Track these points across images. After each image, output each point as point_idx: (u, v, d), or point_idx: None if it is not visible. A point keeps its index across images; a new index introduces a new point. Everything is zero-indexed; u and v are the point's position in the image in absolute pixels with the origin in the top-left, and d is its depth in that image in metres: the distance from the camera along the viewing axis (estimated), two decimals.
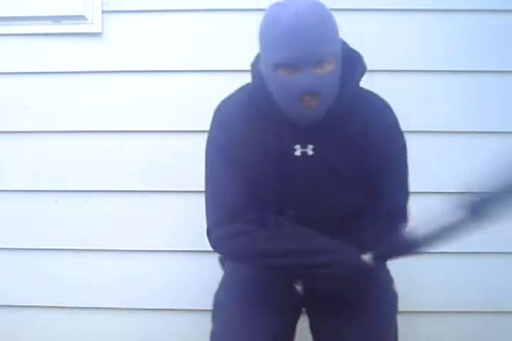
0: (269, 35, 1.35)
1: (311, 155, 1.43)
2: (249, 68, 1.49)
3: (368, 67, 1.90)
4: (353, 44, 1.99)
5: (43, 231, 2.13)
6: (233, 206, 1.43)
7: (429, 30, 2.04)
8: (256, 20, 1.38)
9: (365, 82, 2.02)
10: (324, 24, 1.34)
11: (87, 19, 2.07)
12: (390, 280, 1.61)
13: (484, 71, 2.04)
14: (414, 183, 2.06)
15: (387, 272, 1.62)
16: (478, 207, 1.31)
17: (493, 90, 2.05)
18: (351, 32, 2.00)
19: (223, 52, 2.06)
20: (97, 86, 2.10)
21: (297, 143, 1.43)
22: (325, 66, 1.35)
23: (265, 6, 1.68)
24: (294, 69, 1.33)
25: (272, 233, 1.42)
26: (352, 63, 1.45)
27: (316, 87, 1.34)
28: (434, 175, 2.06)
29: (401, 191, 1.56)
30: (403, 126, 2.04)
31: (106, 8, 2.07)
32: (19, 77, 2.11)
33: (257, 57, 1.45)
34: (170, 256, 2.11)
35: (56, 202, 2.12)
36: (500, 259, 2.08)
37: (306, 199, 1.46)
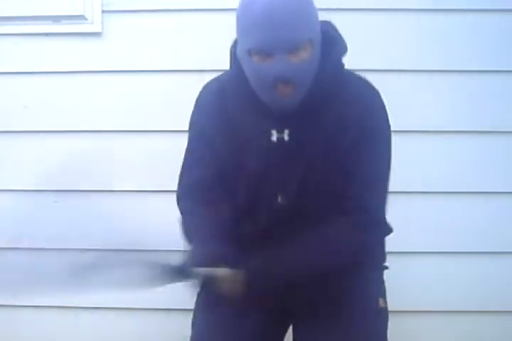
0: (243, 20, 1.32)
1: (287, 141, 1.39)
2: None
3: (368, 67, 1.90)
4: (351, 44, 2.02)
5: (43, 231, 2.13)
6: (195, 183, 1.48)
7: (428, 29, 2.04)
8: None
9: None
10: (300, 9, 1.30)
11: (87, 19, 2.07)
12: (376, 295, 1.51)
13: (484, 71, 2.04)
14: (414, 183, 2.08)
15: (377, 285, 1.54)
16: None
17: (493, 90, 2.05)
18: (350, 32, 2.02)
19: (224, 52, 2.06)
20: (96, 86, 2.10)
21: (273, 129, 1.40)
22: (300, 53, 1.31)
23: None
24: (266, 56, 1.30)
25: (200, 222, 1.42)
26: (330, 45, 1.39)
27: (288, 75, 1.30)
28: (433, 175, 2.06)
29: (370, 186, 1.40)
30: (402, 125, 2.05)
31: (106, 8, 2.07)
32: (19, 77, 2.11)
33: (235, 42, 1.42)
34: (170, 255, 2.11)
35: (56, 202, 2.12)
36: (501, 259, 2.09)
37: (278, 185, 1.42)
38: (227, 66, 1.49)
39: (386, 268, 1.57)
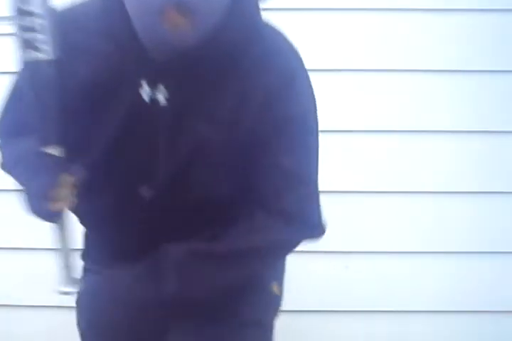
0: None
1: (163, 107, 0.96)
2: None
3: (366, 67, 1.90)
4: (351, 44, 2.02)
5: (43, 231, 2.12)
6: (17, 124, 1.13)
7: (428, 29, 2.04)
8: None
9: (364, 82, 2.02)
10: None
11: None
12: (268, 280, 1.21)
13: (484, 71, 2.05)
14: (413, 183, 2.08)
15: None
16: None
17: (493, 90, 2.05)
18: (349, 32, 2.03)
19: None
20: None
21: (143, 79, 0.95)
22: None
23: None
24: None
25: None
26: None
27: None
28: (431, 175, 2.07)
29: (293, 182, 1.01)
30: (401, 125, 2.06)
31: None
32: None
33: None
34: None
35: None
36: (500, 259, 2.09)
37: (142, 173, 1.02)
38: None
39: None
